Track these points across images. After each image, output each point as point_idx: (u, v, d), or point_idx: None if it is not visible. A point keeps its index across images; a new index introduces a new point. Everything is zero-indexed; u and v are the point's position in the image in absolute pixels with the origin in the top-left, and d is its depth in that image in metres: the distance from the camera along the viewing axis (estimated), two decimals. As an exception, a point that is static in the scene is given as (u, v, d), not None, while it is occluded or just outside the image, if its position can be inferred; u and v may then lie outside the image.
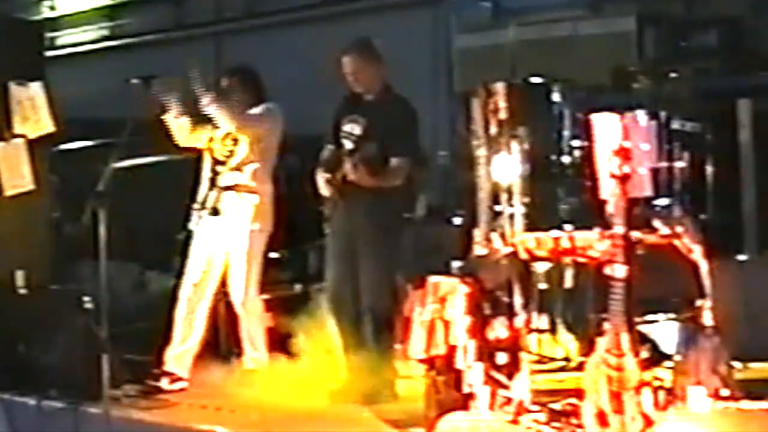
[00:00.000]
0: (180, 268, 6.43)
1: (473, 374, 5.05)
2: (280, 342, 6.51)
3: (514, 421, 4.93)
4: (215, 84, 6.29)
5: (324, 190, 6.00)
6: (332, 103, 6.25)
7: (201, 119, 6.30)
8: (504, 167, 5.28)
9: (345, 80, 6.06)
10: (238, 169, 6.27)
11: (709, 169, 5.83)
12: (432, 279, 5.31)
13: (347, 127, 6.03)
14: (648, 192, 4.96)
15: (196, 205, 6.27)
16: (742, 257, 6.64)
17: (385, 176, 5.88)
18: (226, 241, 6.30)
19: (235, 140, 6.30)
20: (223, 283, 6.39)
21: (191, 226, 6.26)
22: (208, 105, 6.09)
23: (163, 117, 6.30)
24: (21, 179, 6.98)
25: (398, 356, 5.79)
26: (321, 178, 6.03)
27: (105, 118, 6.97)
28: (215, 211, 6.21)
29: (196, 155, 6.44)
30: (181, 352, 6.33)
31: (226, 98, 6.24)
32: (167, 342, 6.35)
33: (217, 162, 6.31)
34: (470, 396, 5.04)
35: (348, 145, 5.97)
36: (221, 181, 6.27)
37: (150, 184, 7.86)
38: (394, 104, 6.03)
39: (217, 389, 6.16)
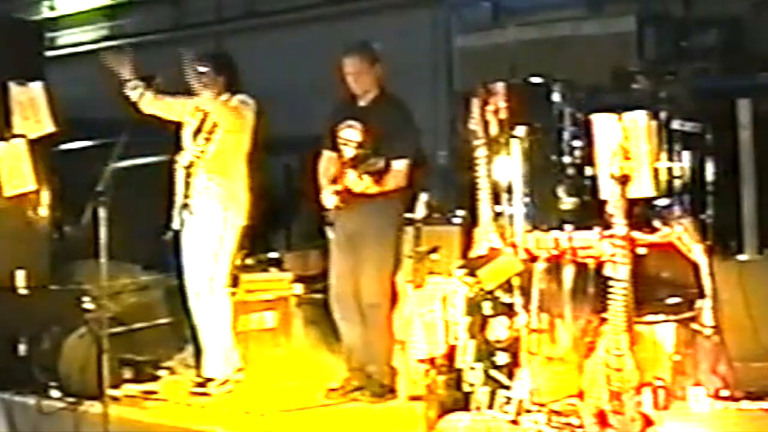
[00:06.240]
0: (178, 269, 6.41)
1: (473, 374, 5.06)
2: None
3: (514, 421, 4.93)
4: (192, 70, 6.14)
5: (327, 199, 5.98)
6: (331, 103, 6.24)
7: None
8: (504, 167, 5.28)
9: (344, 82, 6.04)
10: (211, 162, 6.16)
11: (709, 169, 5.83)
12: (432, 279, 5.31)
13: (345, 134, 6.00)
14: (648, 192, 4.96)
15: (175, 205, 6.19)
16: (742, 257, 6.63)
17: (388, 181, 5.87)
18: (203, 236, 6.19)
19: (210, 134, 6.18)
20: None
21: (174, 226, 6.19)
22: (207, 100, 6.05)
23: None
24: (21, 179, 6.98)
25: (398, 355, 5.79)
26: (324, 189, 6.00)
27: (105, 118, 6.96)
28: (188, 209, 6.13)
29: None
30: (215, 354, 6.23)
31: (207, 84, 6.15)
32: (199, 349, 6.30)
33: (191, 163, 6.20)
34: (470, 396, 5.04)
35: (348, 152, 5.95)
36: (195, 177, 6.17)
37: (150, 184, 7.84)
38: (389, 106, 6.02)
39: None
